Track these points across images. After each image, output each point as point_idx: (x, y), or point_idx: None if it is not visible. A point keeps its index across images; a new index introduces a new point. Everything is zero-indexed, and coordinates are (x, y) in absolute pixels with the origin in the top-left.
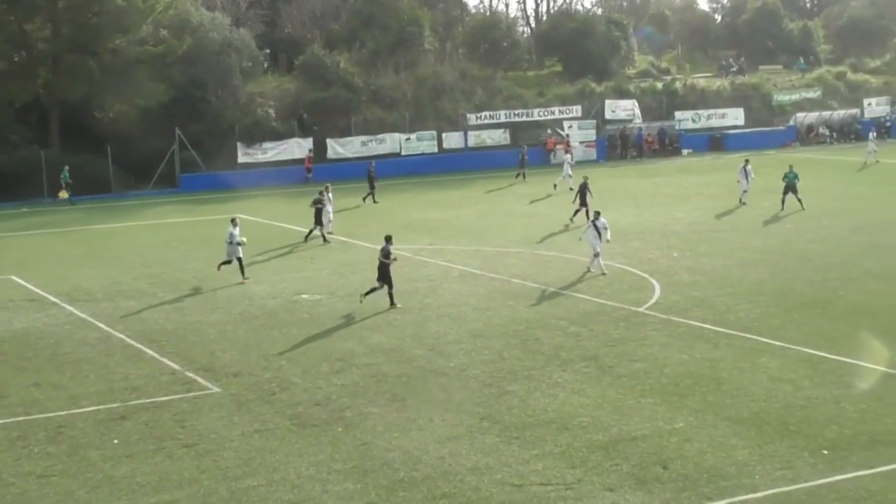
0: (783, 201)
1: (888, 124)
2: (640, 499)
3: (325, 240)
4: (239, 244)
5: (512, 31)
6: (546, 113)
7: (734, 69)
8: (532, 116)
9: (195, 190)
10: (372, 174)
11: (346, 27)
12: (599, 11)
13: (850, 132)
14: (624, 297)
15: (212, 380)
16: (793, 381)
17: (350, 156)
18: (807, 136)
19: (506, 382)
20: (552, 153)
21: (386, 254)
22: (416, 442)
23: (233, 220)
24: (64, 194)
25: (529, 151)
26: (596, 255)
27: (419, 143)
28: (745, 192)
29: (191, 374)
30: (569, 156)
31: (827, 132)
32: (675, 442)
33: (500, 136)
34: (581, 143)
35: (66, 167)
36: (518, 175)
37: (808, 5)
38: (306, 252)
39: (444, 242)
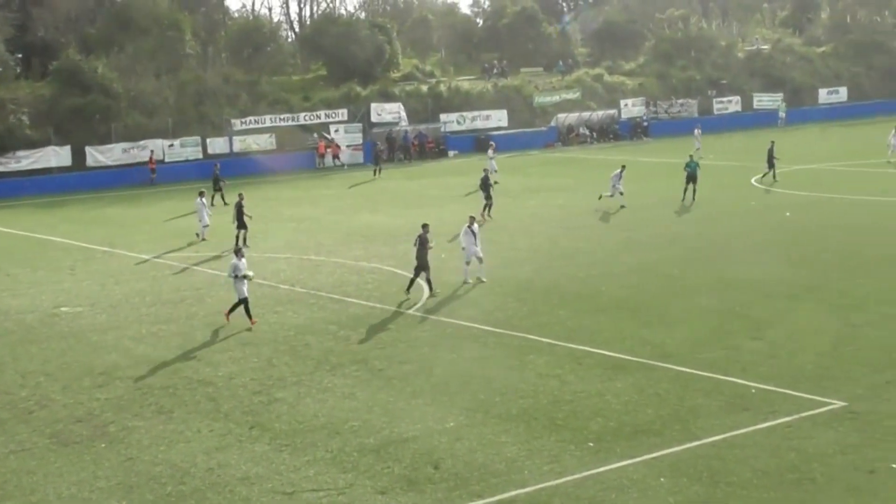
0: (685, 191)
1: (645, 124)
2: (411, 500)
3: (244, 242)
4: (245, 278)
5: (276, 35)
6: (312, 117)
7: (496, 72)
8: (298, 121)
9: None
10: (217, 175)
11: (102, 31)
12: (363, 16)
13: (608, 132)
14: (393, 299)
15: None
16: (559, 377)
17: (111, 163)
18: (568, 136)
19: (275, 389)
20: (323, 157)
21: (423, 241)
22: (183, 454)
23: (237, 252)
24: None
25: (297, 156)
26: (468, 262)
27: (183, 149)
28: (621, 194)
29: None
30: (490, 151)
31: (587, 132)
32: (445, 441)
33: (266, 141)
34: (348, 146)
35: None
36: (376, 171)
37: (565, 10)
38: (65, 263)
39: (210, 249)
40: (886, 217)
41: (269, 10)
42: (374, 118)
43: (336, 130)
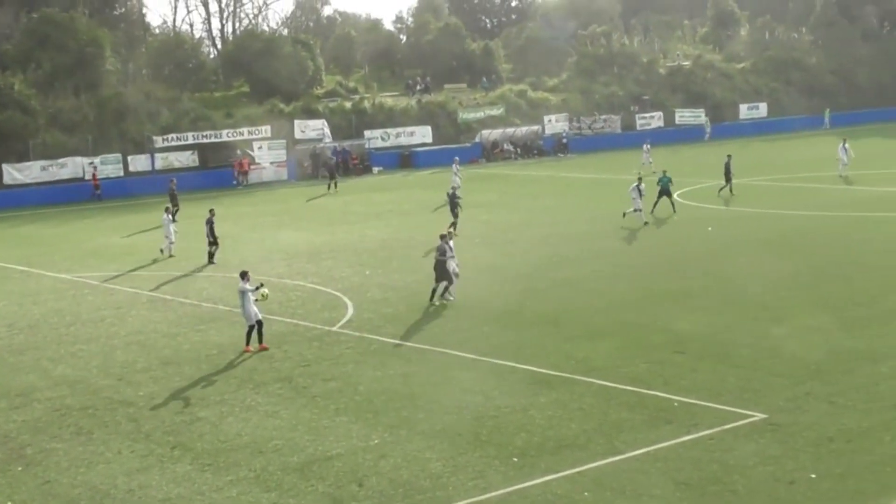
0: (655, 205)
1: (565, 140)
2: None
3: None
4: (257, 298)
5: (197, 51)
6: (235, 134)
7: (420, 88)
8: (221, 138)
9: None
10: (174, 191)
11: (19, 47)
12: (286, 32)
13: (533, 148)
14: (317, 316)
15: None
16: (484, 392)
17: (29, 181)
18: (492, 152)
19: (198, 409)
20: (245, 175)
21: (442, 251)
22: (103, 476)
23: (242, 275)
24: None
25: (221, 173)
26: (456, 276)
27: (104, 166)
28: (639, 210)
29: None
30: (455, 165)
31: (511, 148)
32: (370, 459)
33: (188, 158)
34: (272, 163)
35: None
36: (331, 185)
37: (488, 26)
38: None
39: (132, 268)
40: (808, 230)
41: (191, 25)
42: (297, 135)
43: (260, 147)
